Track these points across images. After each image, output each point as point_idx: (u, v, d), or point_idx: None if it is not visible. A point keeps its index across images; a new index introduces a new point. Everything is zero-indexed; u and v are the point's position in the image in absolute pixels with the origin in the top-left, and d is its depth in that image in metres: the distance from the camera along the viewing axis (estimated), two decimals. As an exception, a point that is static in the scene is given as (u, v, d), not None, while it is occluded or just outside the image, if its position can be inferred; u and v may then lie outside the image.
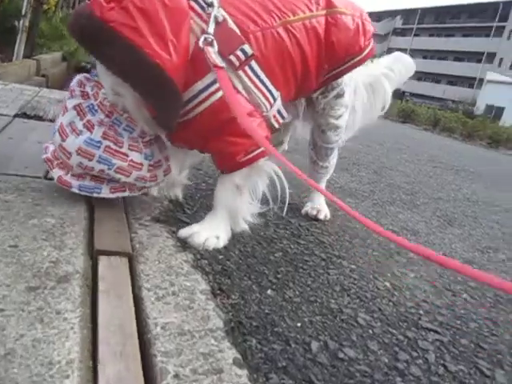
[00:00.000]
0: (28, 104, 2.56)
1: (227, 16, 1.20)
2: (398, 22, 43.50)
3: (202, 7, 1.18)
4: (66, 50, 7.87)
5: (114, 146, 1.18)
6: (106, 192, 1.23)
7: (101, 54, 1.11)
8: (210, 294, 0.97)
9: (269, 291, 1.07)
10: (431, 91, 33.95)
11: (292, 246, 1.37)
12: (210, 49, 1.12)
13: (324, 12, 1.38)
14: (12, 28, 5.38)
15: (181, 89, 1.11)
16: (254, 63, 1.22)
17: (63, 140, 1.18)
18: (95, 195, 1.23)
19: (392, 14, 44.51)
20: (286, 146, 1.85)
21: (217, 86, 1.14)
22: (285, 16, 1.29)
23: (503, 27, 32.81)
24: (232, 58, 1.17)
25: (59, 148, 1.20)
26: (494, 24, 33.32)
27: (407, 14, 41.99)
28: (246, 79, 1.22)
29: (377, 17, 42.15)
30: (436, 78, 36.87)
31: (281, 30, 1.28)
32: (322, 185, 1.75)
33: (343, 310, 1.07)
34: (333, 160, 1.71)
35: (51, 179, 1.41)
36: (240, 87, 1.22)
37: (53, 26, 7.73)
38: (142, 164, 1.22)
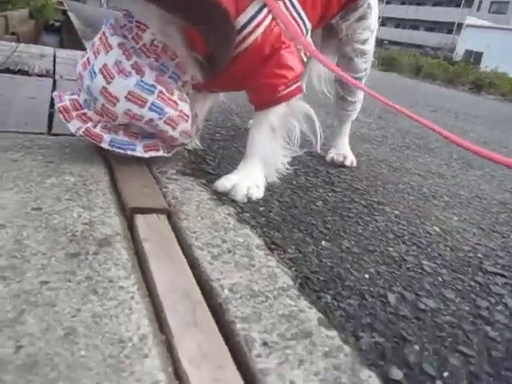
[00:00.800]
0: (8, 59, 2.34)
1: None
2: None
3: None
4: (32, 5, 7.36)
5: (167, 93, 1.04)
6: (140, 150, 1.08)
7: None
8: (266, 248, 0.86)
9: (323, 242, 0.96)
10: (410, 38, 33.44)
11: (329, 194, 1.26)
12: None
13: None
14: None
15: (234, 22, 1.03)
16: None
17: (108, 83, 0.99)
18: (129, 152, 1.07)
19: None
20: (303, 86, 1.70)
21: (260, 18, 1.06)
22: None
23: (480, -31, 32.18)
24: None
25: (102, 92, 0.99)
26: (472, -35, 32.64)
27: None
28: (285, 10, 1.13)
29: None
30: (414, 24, 36.24)
31: None
32: (349, 125, 1.63)
33: (405, 257, 0.98)
34: (360, 94, 1.58)
35: (57, 135, 1.27)
36: (278, 19, 1.11)
37: (17, -20, 7.19)
38: (188, 116, 1.10)
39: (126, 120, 1.04)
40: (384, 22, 34.49)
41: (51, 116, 1.45)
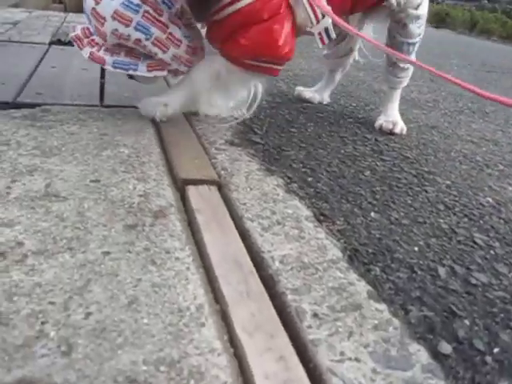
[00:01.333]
0: (59, 30, 2.40)
1: None
2: None
3: None
4: (78, -28, 7.44)
5: (154, 13, 1.06)
6: (142, 69, 1.12)
7: None
8: (314, 220, 0.87)
9: (372, 214, 0.96)
10: (464, -10, 31.39)
11: (378, 164, 1.24)
12: None
13: None
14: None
15: None
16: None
17: (97, 3, 1.04)
18: (131, 72, 1.13)
19: None
20: (356, 55, 1.66)
21: None
22: None
23: None
24: None
25: (92, 13, 1.05)
26: None
27: None
28: None
29: None
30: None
31: None
32: (399, 92, 1.57)
33: (456, 230, 0.96)
34: (414, 60, 1.52)
35: (109, 106, 1.31)
36: None
37: None
38: (180, 41, 1.11)
39: (115, 40, 1.07)
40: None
41: (102, 87, 1.50)
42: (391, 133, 1.52)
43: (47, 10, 4.38)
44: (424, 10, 1.42)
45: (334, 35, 1.23)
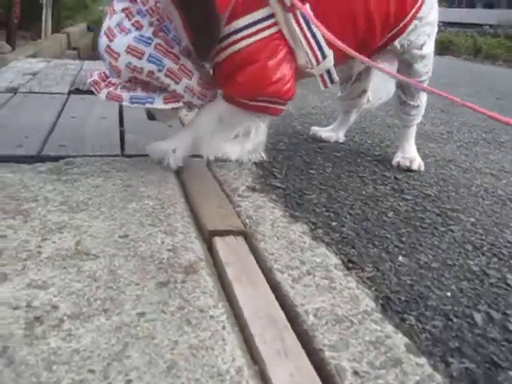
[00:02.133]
0: (76, 79, 2.47)
1: None
2: None
3: None
4: (90, 19, 7.71)
5: (165, 45, 1.09)
6: (159, 102, 1.14)
7: None
8: (343, 268, 0.86)
9: (400, 258, 0.95)
10: (466, 17, 31.92)
11: (400, 204, 1.24)
12: None
13: None
14: (37, 5, 5.25)
15: (224, 14, 1.06)
16: (309, 11, 1.10)
17: (111, 41, 1.09)
18: (148, 105, 1.15)
19: None
20: (370, 96, 1.68)
21: (264, 25, 1.10)
22: None
23: None
24: None
25: (106, 50, 1.10)
26: None
27: None
28: (295, 25, 1.13)
29: None
30: (470, 1, 34.52)
31: None
32: (414, 129, 1.58)
33: (487, 271, 0.94)
34: (423, 97, 1.53)
35: (130, 156, 1.33)
36: (287, 33, 1.13)
37: (75, -4, 7.54)
38: (192, 72, 1.14)
39: (129, 74, 1.10)
40: (438, 2, 33.09)
41: (122, 135, 1.53)
42: (409, 170, 1.52)
43: (63, 58, 4.54)
44: (428, 50, 1.44)
45: (336, 78, 1.25)
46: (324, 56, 1.19)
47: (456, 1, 33.20)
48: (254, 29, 1.09)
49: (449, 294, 0.85)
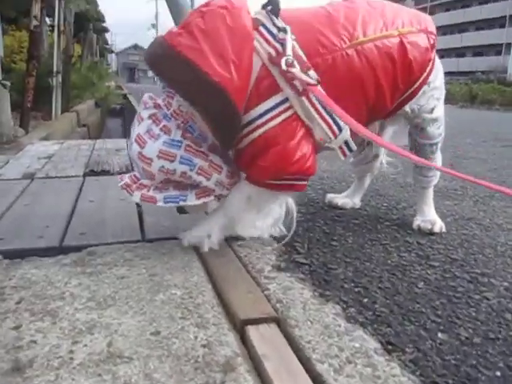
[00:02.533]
0: (90, 160, 2.53)
1: (295, 41, 1.15)
2: (410, 4, 42.42)
3: (271, 33, 1.16)
4: (97, 96, 8.04)
5: (195, 146, 1.13)
6: (192, 199, 1.17)
7: (166, 75, 1.13)
8: (384, 352, 0.83)
9: (439, 334, 0.92)
10: (457, 66, 32.88)
11: (429, 272, 1.21)
12: (294, 70, 1.10)
13: (396, 32, 1.29)
14: (47, 86, 5.49)
15: (241, 109, 1.09)
16: (322, 93, 1.14)
17: (142, 148, 1.13)
18: (181, 203, 1.18)
19: (401, -3, 43.49)
20: (383, 159, 1.70)
21: (279, 110, 1.13)
22: (354, 37, 1.22)
23: (521, -14, 31.45)
24: (296, 82, 1.13)
25: (138, 156, 1.13)
26: (511, -15, 32.04)
27: (417, -6, 40.89)
28: (309, 107, 1.16)
29: (386, 3, 41.11)
30: (460, 51, 35.69)
31: (351, 51, 1.20)
32: (431, 190, 1.58)
33: (532, 343, 0.91)
34: (439, 158, 1.54)
35: (151, 241, 1.33)
36: (302, 114, 1.16)
37: (82, 76, 7.91)
38: (221, 167, 1.17)
39: (163, 176, 1.14)
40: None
41: (141, 217, 1.53)
42: (431, 233, 1.50)
43: (74, 136, 4.69)
44: (439, 113, 1.46)
45: (354, 147, 1.27)
46: (340, 129, 1.21)
47: (446, 53, 34.44)
48: (270, 115, 1.12)
49: (498, 373, 0.81)
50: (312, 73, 1.14)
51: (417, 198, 1.63)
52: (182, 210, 1.31)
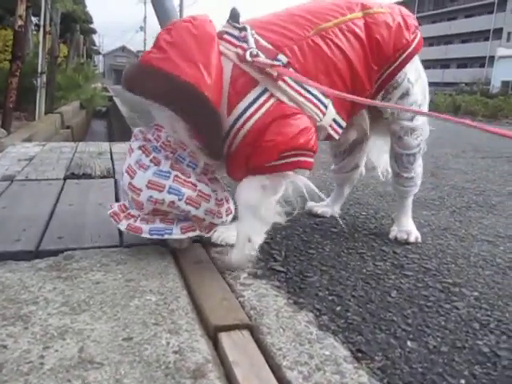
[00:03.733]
0: (72, 162, 2.52)
1: (259, 37, 1.20)
2: (396, 15, 42.72)
3: (234, 37, 1.19)
4: (83, 98, 7.98)
5: (183, 176, 1.16)
6: (177, 233, 1.20)
7: (143, 89, 1.13)
8: (353, 360, 0.85)
9: (409, 343, 0.94)
10: (442, 77, 33.41)
11: (402, 281, 1.24)
12: (259, 58, 1.14)
13: (360, 14, 1.33)
14: (31, 87, 5.45)
15: (218, 106, 1.11)
16: (294, 72, 1.17)
17: (132, 178, 1.16)
18: (166, 236, 1.20)
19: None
20: (363, 170, 1.73)
21: (260, 101, 1.14)
22: (317, 24, 1.26)
23: (505, 1, 32.12)
24: (269, 69, 1.15)
25: (129, 187, 1.17)
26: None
27: (405, 5, 41.23)
28: (288, 89, 1.17)
29: (373, 13, 41.60)
30: (445, 63, 36.30)
31: (316, 38, 1.24)
32: (410, 200, 1.61)
33: (497, 352, 0.93)
34: (418, 169, 1.56)
35: (129, 246, 1.33)
36: (285, 99, 1.18)
37: (68, 77, 7.85)
38: (210, 196, 1.19)
39: (151, 206, 1.16)
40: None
41: (120, 222, 1.53)
42: (407, 242, 1.53)
43: (57, 138, 4.65)
44: (420, 121, 1.48)
45: (344, 123, 1.29)
46: (325, 105, 1.23)
47: (431, 64, 34.97)
48: (253, 108, 1.13)
49: (463, 381, 0.83)
50: (281, 56, 1.17)
51: (396, 207, 1.66)
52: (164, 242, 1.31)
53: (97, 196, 1.85)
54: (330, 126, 1.27)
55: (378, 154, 1.66)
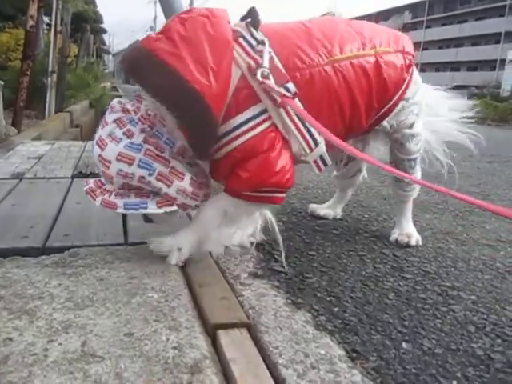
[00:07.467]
0: (80, 161, 2.55)
1: (274, 54, 1.17)
2: (407, 17, 42.85)
3: (250, 45, 1.17)
4: (92, 97, 8.05)
5: (155, 151, 1.12)
6: (152, 207, 1.15)
7: (144, 79, 1.11)
8: (348, 359, 0.87)
9: (404, 344, 0.96)
10: (452, 81, 33.25)
11: (401, 283, 1.25)
12: (268, 82, 1.12)
13: (373, 52, 1.33)
14: (41, 86, 5.52)
15: (219, 117, 1.09)
16: (297, 102, 1.17)
17: (102, 150, 1.11)
18: (142, 211, 1.16)
19: (399, 10, 43.90)
20: (365, 173, 1.74)
21: (258, 120, 1.14)
22: (332, 54, 1.25)
23: (517, 3, 31.90)
24: (274, 94, 1.14)
25: (98, 159, 1.12)
26: (508, 2, 32.44)
27: (415, 7, 41.24)
28: (286, 118, 1.17)
29: (385, 15, 41.71)
30: (455, 66, 36.13)
31: (328, 68, 1.24)
32: (410, 205, 1.63)
33: (491, 355, 0.95)
34: (418, 173, 1.58)
35: (133, 244, 1.36)
36: (279, 125, 1.17)
37: (78, 76, 7.93)
38: (183, 174, 1.15)
39: (121, 180, 1.12)
40: (423, 67, 34.63)
41: (125, 222, 1.56)
42: (407, 245, 1.54)
43: (66, 136, 4.70)
44: (418, 128, 1.50)
45: (329, 162, 1.27)
46: (316, 143, 1.23)
47: (441, 67, 34.81)
48: (249, 125, 1.13)
49: (455, 382, 0.85)
50: (291, 85, 1.15)
51: (396, 211, 1.67)
52: (148, 220, 1.29)
53: (103, 195, 1.87)
54: (315, 161, 1.25)
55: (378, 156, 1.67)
